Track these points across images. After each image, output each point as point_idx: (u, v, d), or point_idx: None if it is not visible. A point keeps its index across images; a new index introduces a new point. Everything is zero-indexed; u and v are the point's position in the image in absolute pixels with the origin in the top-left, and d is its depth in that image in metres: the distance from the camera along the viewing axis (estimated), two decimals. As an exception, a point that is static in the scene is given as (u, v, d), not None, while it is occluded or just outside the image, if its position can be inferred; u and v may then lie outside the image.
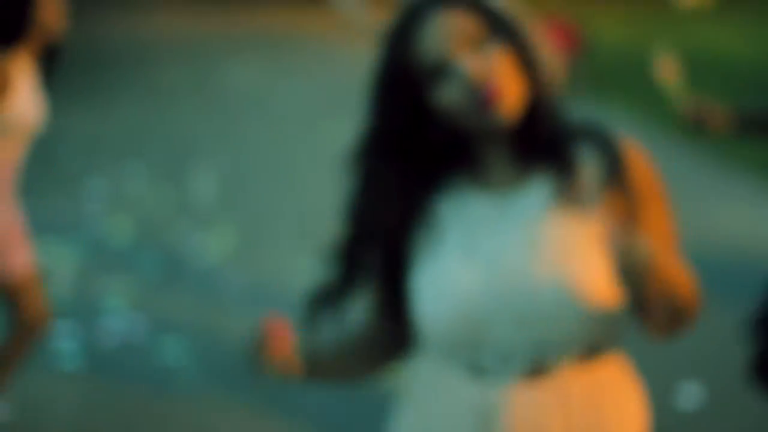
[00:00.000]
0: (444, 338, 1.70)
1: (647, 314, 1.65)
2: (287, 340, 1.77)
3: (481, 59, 1.61)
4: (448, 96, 1.63)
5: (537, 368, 1.69)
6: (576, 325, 1.65)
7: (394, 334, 1.83)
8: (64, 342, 5.18)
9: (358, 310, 1.83)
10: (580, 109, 1.79)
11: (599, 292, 1.64)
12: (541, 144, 1.69)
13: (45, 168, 9.04)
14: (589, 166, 1.69)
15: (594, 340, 1.70)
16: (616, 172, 1.67)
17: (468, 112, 1.62)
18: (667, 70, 3.39)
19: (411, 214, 1.73)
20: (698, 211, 7.19)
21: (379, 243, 1.74)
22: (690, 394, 4.52)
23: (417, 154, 1.71)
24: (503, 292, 1.65)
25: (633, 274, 1.59)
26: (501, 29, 1.64)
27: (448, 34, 1.62)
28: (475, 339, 1.67)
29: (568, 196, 1.67)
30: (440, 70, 1.62)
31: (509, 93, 1.61)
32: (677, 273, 1.66)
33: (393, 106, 1.68)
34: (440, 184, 1.74)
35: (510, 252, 1.67)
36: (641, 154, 1.72)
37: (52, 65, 3.95)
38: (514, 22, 1.67)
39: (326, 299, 1.77)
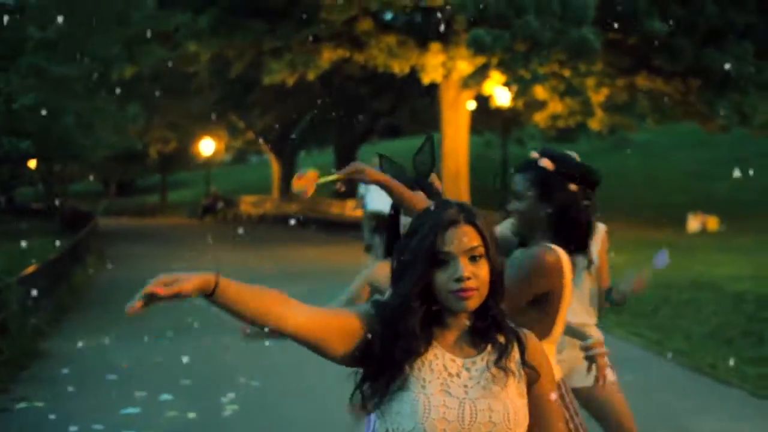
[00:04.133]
0: None
1: None
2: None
3: (471, 266, 2.60)
4: (442, 276, 2.60)
5: None
6: None
7: None
8: None
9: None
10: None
11: (524, 426, 2.65)
12: (489, 326, 2.67)
13: (89, 394, 9.89)
14: (512, 346, 2.69)
15: None
16: (523, 352, 2.69)
17: (449, 294, 2.59)
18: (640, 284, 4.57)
19: (411, 357, 2.62)
20: (688, 421, 8.69)
21: (391, 369, 2.63)
22: None
23: (419, 318, 2.63)
24: (469, 422, 2.58)
25: (538, 415, 2.73)
26: (488, 247, 2.64)
27: (459, 241, 2.60)
28: None
29: (505, 362, 2.65)
30: (447, 260, 2.61)
31: (480, 295, 2.61)
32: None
33: (411, 275, 2.62)
34: (427, 347, 2.65)
35: (473, 396, 2.61)
36: (537, 343, 2.77)
37: None
38: (496, 245, 2.68)
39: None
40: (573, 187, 3.92)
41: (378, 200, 21.69)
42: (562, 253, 3.83)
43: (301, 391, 9.81)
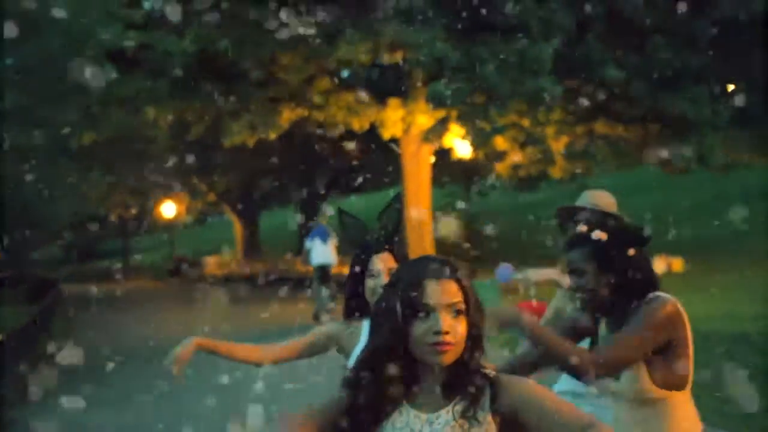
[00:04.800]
0: None
1: None
2: None
3: (451, 320, 2.62)
4: (420, 328, 2.62)
5: None
6: None
7: None
8: None
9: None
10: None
11: None
12: (461, 379, 2.68)
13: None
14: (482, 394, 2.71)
15: None
16: (495, 398, 2.69)
17: (425, 346, 2.61)
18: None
19: (381, 415, 2.68)
20: None
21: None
22: None
23: (393, 370, 2.65)
24: None
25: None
26: (468, 302, 2.67)
27: (440, 295, 2.62)
28: None
29: (472, 412, 2.66)
30: (427, 312, 2.62)
31: (455, 351, 2.63)
32: None
33: (390, 323, 2.63)
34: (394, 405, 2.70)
35: None
36: (524, 384, 2.75)
37: None
38: (476, 301, 2.70)
39: None
40: (631, 251, 3.98)
41: (322, 254, 22.75)
42: (677, 302, 3.95)
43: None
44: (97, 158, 35.03)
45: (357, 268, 4.36)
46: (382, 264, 4.33)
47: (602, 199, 5.12)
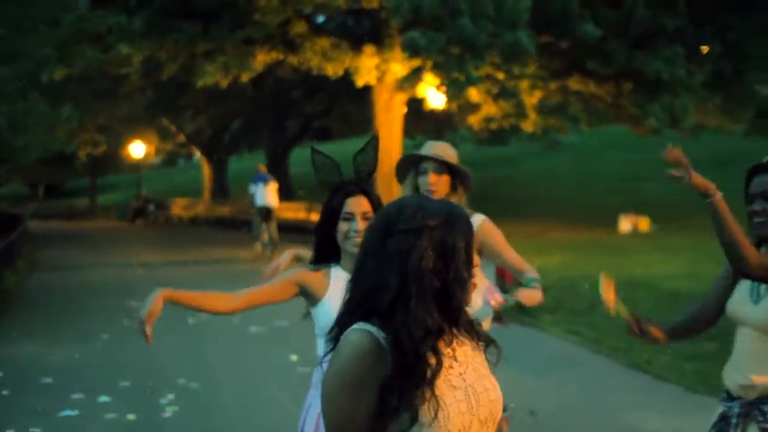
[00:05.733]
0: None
1: None
2: None
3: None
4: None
5: None
6: (499, 417, 2.68)
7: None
8: None
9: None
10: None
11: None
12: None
13: (26, 397, 9.76)
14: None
15: None
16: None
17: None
18: (607, 290, 4.19)
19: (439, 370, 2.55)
20: (627, 417, 8.85)
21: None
22: None
23: None
24: (477, 407, 2.58)
25: None
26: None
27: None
28: None
29: (476, 342, 2.67)
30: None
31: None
32: None
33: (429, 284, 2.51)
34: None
35: (470, 382, 2.59)
36: None
37: None
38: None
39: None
40: None
41: (263, 197, 25.61)
42: None
43: (240, 392, 9.78)
44: (68, 94, 34.82)
45: (329, 211, 4.20)
46: (357, 207, 4.17)
47: (446, 150, 5.16)
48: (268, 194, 25.75)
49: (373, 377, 2.46)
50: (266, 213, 25.55)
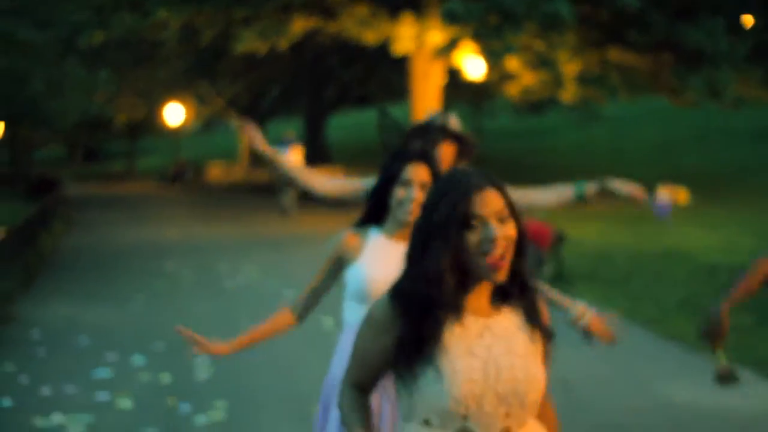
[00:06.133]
0: (449, 408, 2.59)
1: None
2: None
3: (502, 228, 2.60)
4: (473, 239, 2.59)
5: (504, 431, 2.65)
6: (531, 402, 2.66)
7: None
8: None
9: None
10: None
11: (543, 383, 2.68)
12: (513, 287, 2.69)
13: (60, 357, 9.85)
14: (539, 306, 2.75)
15: (534, 411, 2.71)
16: (545, 312, 2.76)
17: (480, 259, 2.60)
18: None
19: (437, 329, 2.61)
20: (660, 388, 8.87)
21: (417, 346, 2.62)
22: None
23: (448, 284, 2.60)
24: (495, 379, 2.60)
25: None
26: (512, 211, 2.66)
27: (488, 204, 2.61)
28: (470, 410, 2.60)
29: (528, 324, 2.70)
30: (477, 224, 2.60)
31: (508, 263, 2.63)
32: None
33: (442, 241, 2.60)
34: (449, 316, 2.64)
35: (496, 355, 2.62)
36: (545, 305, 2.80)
37: None
38: (516, 208, 2.68)
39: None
40: None
41: (289, 162, 25.11)
42: None
43: (272, 358, 9.79)
44: (106, 60, 34.95)
45: (388, 175, 4.07)
46: (416, 175, 4.03)
47: (452, 120, 5.03)
48: (290, 158, 26.34)
49: (389, 328, 2.68)
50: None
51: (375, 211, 4.19)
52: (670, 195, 4.78)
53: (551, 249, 14.32)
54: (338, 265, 4.24)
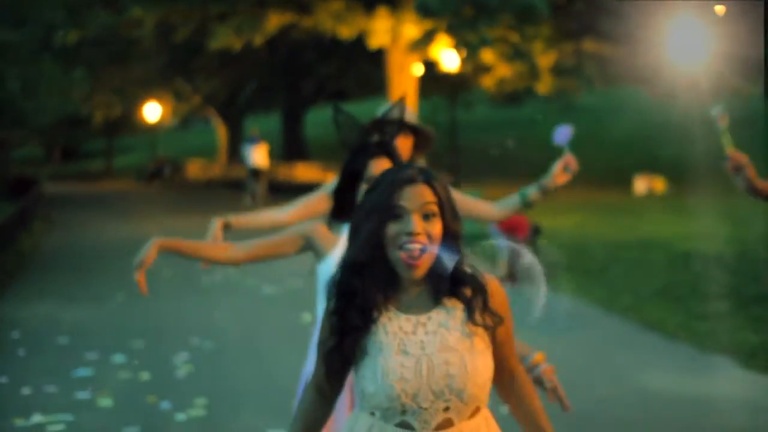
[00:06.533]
0: (386, 405, 2.63)
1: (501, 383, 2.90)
2: None
3: (424, 223, 2.61)
4: (393, 229, 2.61)
5: (445, 424, 2.67)
6: (470, 395, 2.65)
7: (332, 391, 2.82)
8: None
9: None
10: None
11: (484, 375, 2.66)
12: (447, 283, 2.67)
13: (40, 356, 9.83)
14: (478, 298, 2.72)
15: (478, 403, 2.70)
16: (486, 300, 2.71)
17: (399, 252, 2.62)
18: (723, 120, 4.55)
19: (366, 325, 2.65)
20: (635, 376, 8.91)
21: (346, 339, 2.67)
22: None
23: (372, 278, 2.65)
24: (428, 376, 2.61)
25: (500, 362, 2.80)
26: (443, 208, 2.66)
27: (414, 198, 2.61)
28: (406, 406, 2.62)
29: (468, 316, 2.67)
30: (400, 216, 2.61)
31: (430, 257, 2.64)
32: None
33: (367, 227, 2.63)
34: (380, 310, 2.68)
35: (429, 352, 2.63)
36: (499, 288, 2.80)
37: None
38: (452, 207, 2.70)
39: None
40: None
41: (255, 158, 29.01)
42: None
43: (254, 351, 9.83)
44: (81, 58, 34.82)
45: (350, 173, 3.90)
46: (380, 170, 3.70)
47: (408, 113, 4.83)
48: (256, 155, 28.88)
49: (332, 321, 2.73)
50: (255, 173, 28.88)
51: (341, 210, 3.98)
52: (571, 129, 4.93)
53: (528, 241, 14.39)
54: (306, 243, 4.22)
